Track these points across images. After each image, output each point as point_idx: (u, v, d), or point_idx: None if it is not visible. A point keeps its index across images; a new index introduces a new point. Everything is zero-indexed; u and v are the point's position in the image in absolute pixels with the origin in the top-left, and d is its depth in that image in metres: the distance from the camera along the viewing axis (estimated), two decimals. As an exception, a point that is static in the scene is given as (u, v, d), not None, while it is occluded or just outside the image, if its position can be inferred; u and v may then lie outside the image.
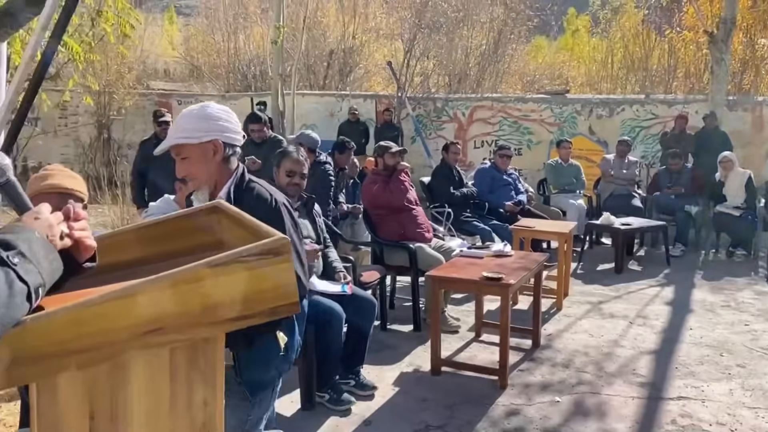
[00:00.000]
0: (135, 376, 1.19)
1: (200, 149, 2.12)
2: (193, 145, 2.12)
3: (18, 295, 1.01)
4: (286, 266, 1.25)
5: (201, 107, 2.21)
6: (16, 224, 1.14)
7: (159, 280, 1.16)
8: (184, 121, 2.17)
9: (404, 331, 4.87)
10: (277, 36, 10.83)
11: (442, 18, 12.88)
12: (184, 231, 1.70)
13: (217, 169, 2.15)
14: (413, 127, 11.74)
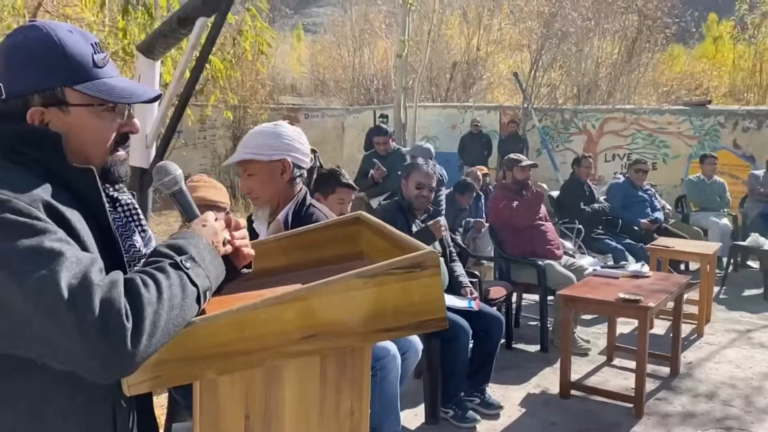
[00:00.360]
0: (287, 380, 1.22)
1: (268, 167, 2.07)
2: (262, 163, 2.07)
3: (190, 297, 1.06)
4: (434, 280, 1.23)
5: (274, 126, 2.16)
6: (186, 230, 1.20)
7: (313, 288, 1.18)
8: (256, 137, 2.12)
9: (530, 351, 4.71)
10: (401, 49, 11.00)
11: (571, 27, 12.47)
12: (327, 241, 1.73)
13: (282, 190, 2.10)
14: (539, 139, 11.44)
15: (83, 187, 1.13)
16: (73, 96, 1.13)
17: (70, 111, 1.13)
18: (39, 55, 1.11)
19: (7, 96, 1.11)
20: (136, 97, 1.19)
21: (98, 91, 1.14)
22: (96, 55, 1.16)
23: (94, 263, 1.00)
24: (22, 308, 0.94)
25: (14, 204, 0.99)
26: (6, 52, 1.13)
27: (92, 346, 0.93)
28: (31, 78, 1.11)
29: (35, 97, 1.11)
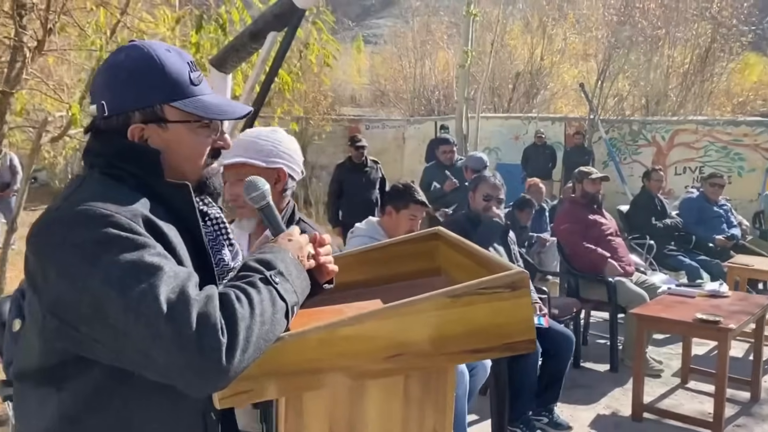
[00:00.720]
0: (371, 398, 1.21)
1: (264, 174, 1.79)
2: (258, 169, 1.87)
3: (279, 312, 1.06)
4: (524, 301, 1.19)
5: (271, 131, 2.00)
6: (273, 245, 1.21)
7: (401, 306, 1.16)
8: (252, 141, 1.95)
9: (599, 371, 4.56)
10: (464, 60, 10.94)
11: (640, 36, 12.13)
12: (404, 256, 1.72)
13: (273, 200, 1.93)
14: (606, 151, 11.14)
15: (178, 202, 1.15)
16: (172, 113, 1.16)
17: (168, 127, 1.16)
18: (140, 73, 1.14)
19: (110, 113, 1.15)
20: (229, 114, 1.21)
21: (195, 108, 1.16)
22: (192, 73, 1.18)
23: (190, 278, 1.02)
24: (122, 320, 0.96)
25: (116, 219, 1.02)
26: (109, 71, 1.17)
27: (189, 360, 0.95)
28: (132, 96, 1.14)
29: (136, 114, 1.15)
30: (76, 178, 1.17)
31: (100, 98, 1.16)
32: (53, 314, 1.02)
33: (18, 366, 1.13)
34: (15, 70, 4.62)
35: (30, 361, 1.09)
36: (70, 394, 1.07)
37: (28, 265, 1.05)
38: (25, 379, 1.11)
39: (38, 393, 1.09)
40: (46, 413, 1.08)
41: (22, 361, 1.11)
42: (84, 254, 0.99)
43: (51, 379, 1.07)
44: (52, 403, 1.07)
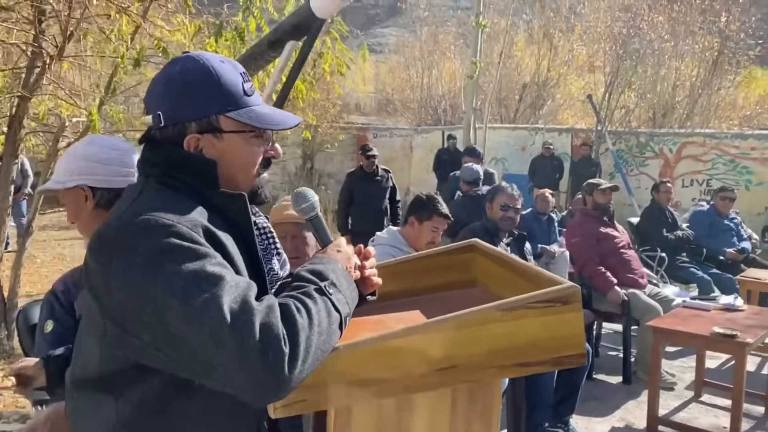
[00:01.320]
0: (419, 410, 1.22)
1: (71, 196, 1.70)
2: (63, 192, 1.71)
3: (334, 323, 1.08)
4: (575, 316, 1.20)
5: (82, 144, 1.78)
6: (323, 256, 1.22)
7: (453, 319, 1.17)
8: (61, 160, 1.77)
9: (612, 383, 4.56)
10: (473, 70, 10.98)
11: (648, 49, 12.16)
12: (440, 267, 1.73)
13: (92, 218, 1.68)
14: (613, 162, 11.16)
15: (234, 212, 1.16)
16: (227, 123, 1.17)
17: (223, 137, 1.17)
18: (196, 84, 1.16)
19: (166, 123, 1.16)
20: (281, 124, 1.22)
21: (249, 118, 1.17)
22: (245, 83, 1.20)
23: (250, 288, 1.03)
24: (185, 329, 0.97)
25: (178, 228, 1.03)
26: (164, 82, 1.18)
27: (252, 369, 0.95)
28: (189, 106, 1.15)
29: (192, 125, 1.16)
30: (131, 187, 1.19)
31: (156, 108, 1.17)
32: (114, 323, 1.03)
33: (76, 373, 1.13)
34: (34, 75, 4.66)
35: (89, 368, 1.10)
36: (128, 402, 1.07)
37: (90, 274, 1.06)
38: (83, 387, 1.12)
39: (96, 400, 1.10)
40: (103, 421, 1.09)
41: (81, 368, 1.12)
42: (146, 264, 1.00)
43: (110, 387, 1.08)
44: (110, 411, 1.08)
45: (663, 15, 12.15)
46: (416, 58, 18.30)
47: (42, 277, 7.45)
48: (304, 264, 1.20)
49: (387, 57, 26.44)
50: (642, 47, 12.03)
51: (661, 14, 12.11)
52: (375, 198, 6.54)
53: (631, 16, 11.89)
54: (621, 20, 12.12)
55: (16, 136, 4.74)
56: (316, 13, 3.55)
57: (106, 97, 4.74)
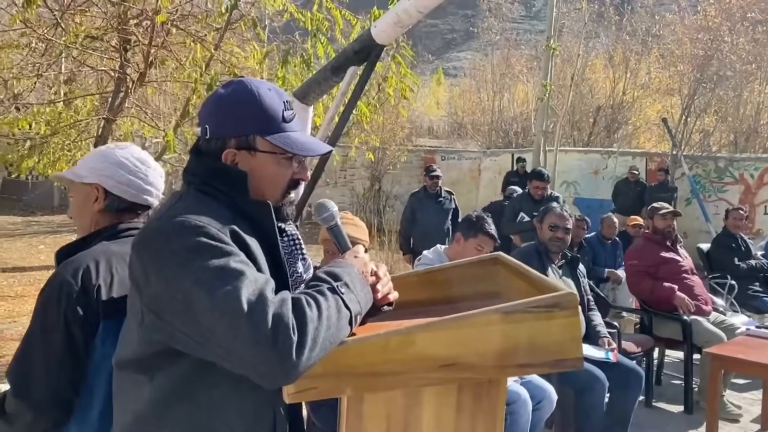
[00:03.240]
0: (426, 405, 1.30)
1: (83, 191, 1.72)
2: (77, 185, 1.74)
3: (343, 318, 1.19)
4: (571, 321, 1.27)
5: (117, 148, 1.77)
6: (341, 260, 1.34)
7: (454, 320, 1.26)
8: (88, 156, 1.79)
9: (672, 411, 4.42)
10: (543, 93, 10.94)
11: (729, 71, 11.74)
12: (465, 278, 1.81)
13: (93, 219, 1.71)
14: (689, 187, 10.78)
15: (260, 218, 1.31)
16: (262, 144, 1.33)
17: (257, 156, 1.33)
18: (240, 106, 1.32)
19: (210, 136, 1.32)
20: (312, 151, 1.38)
21: (282, 142, 1.33)
22: (286, 111, 1.35)
23: (268, 283, 1.16)
24: (208, 317, 1.11)
25: (207, 229, 1.18)
26: (216, 100, 1.35)
27: (264, 354, 1.08)
28: (231, 124, 1.32)
29: (231, 140, 1.32)
30: (175, 193, 1.35)
31: (205, 122, 1.34)
32: (151, 310, 1.18)
33: (119, 355, 1.30)
34: (118, 99, 5.06)
35: (129, 351, 1.26)
36: (161, 381, 1.22)
37: (133, 267, 1.23)
38: (124, 367, 1.28)
39: (134, 380, 1.26)
40: (139, 398, 1.24)
41: (123, 350, 1.28)
42: (179, 259, 1.15)
43: (146, 368, 1.23)
44: (145, 389, 1.23)
45: (745, 37, 11.71)
46: (487, 81, 18.35)
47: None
48: (322, 267, 1.32)
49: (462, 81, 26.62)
50: (722, 69, 11.62)
51: (742, 36, 11.68)
52: (437, 219, 6.62)
53: (710, 38, 11.52)
54: (700, 42, 11.75)
55: (102, 155, 5.13)
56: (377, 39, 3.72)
57: (181, 120, 5.07)
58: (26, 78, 4.92)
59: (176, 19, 4.45)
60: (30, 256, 9.96)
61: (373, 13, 5.02)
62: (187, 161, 1.39)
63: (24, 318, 6.39)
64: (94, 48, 4.87)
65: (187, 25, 4.76)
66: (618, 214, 8.23)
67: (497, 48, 19.46)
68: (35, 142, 5.15)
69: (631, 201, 10.39)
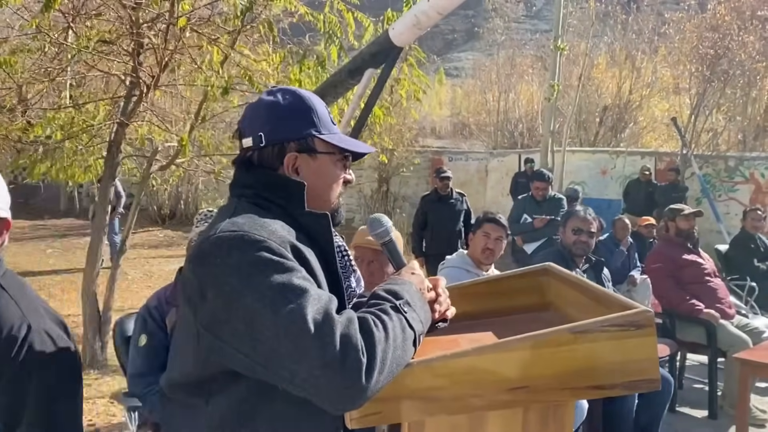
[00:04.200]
0: (491, 428, 1.25)
1: None
2: None
3: (408, 339, 1.14)
4: (648, 340, 1.21)
5: None
6: (398, 277, 1.29)
7: (524, 340, 1.20)
8: None
9: (697, 417, 4.35)
10: (551, 93, 10.87)
11: (738, 69, 11.66)
12: (513, 290, 1.75)
13: None
14: (699, 187, 10.71)
15: (317, 231, 1.25)
16: (320, 145, 1.29)
17: (317, 158, 1.29)
18: (296, 109, 1.29)
19: (267, 143, 1.27)
20: (361, 150, 1.34)
21: (339, 141, 1.30)
22: (330, 114, 1.30)
23: (332, 301, 1.11)
24: (272, 336, 1.05)
25: (268, 244, 1.12)
26: (266, 108, 1.30)
27: (332, 377, 1.02)
28: (291, 127, 1.28)
29: (291, 144, 1.28)
30: (225, 207, 1.29)
31: (259, 130, 1.29)
32: (208, 329, 1.12)
33: (171, 378, 1.24)
34: (131, 103, 5.01)
35: (182, 373, 1.20)
36: (218, 406, 1.16)
37: (187, 284, 1.17)
38: (177, 391, 1.22)
39: (188, 403, 1.20)
40: (194, 423, 1.18)
41: (176, 373, 1.22)
42: (240, 275, 1.09)
43: (201, 391, 1.17)
44: (201, 414, 1.17)
45: (754, 35, 11.62)
46: (493, 82, 18.27)
47: (132, 293, 7.89)
48: (380, 285, 1.26)
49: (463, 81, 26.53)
50: (731, 68, 11.53)
51: (751, 34, 11.59)
52: (449, 221, 6.57)
53: (719, 36, 11.44)
54: (708, 41, 11.67)
55: (114, 160, 5.09)
56: (395, 42, 3.66)
57: (196, 123, 5.02)
58: (38, 82, 4.86)
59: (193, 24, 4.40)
60: (40, 261, 9.92)
61: (386, 15, 4.97)
62: (235, 174, 1.33)
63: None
64: (106, 52, 4.81)
65: (202, 28, 4.70)
66: (629, 215, 8.16)
67: (502, 48, 19.37)
68: (48, 147, 5.10)
69: (642, 201, 10.30)
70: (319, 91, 4.41)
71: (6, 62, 3.57)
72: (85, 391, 4.69)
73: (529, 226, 6.06)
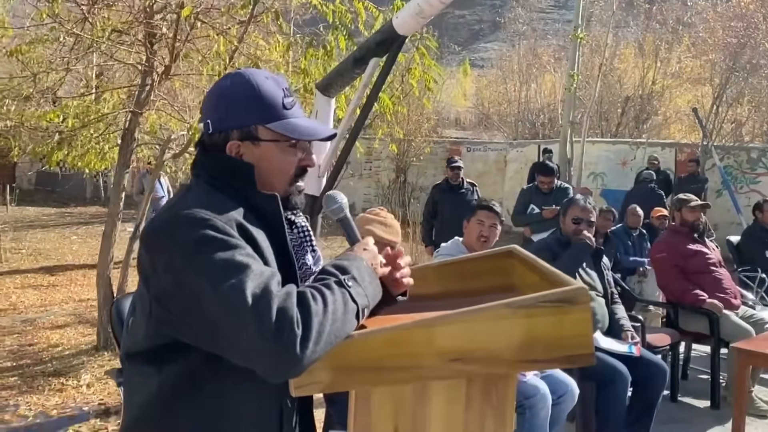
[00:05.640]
0: (434, 399, 1.30)
1: None
2: None
3: (350, 312, 1.19)
4: (583, 316, 1.25)
5: None
6: (349, 253, 1.34)
7: (464, 314, 1.25)
8: None
9: (698, 407, 4.34)
10: (570, 83, 10.78)
11: (762, 59, 11.43)
12: (479, 272, 1.80)
13: None
14: (720, 178, 10.54)
15: (268, 210, 1.31)
16: (264, 133, 1.33)
17: (260, 145, 1.33)
18: (239, 98, 1.33)
19: (213, 131, 1.33)
20: (315, 135, 1.37)
21: (284, 129, 1.33)
22: (285, 98, 1.35)
23: (273, 276, 1.17)
24: (213, 310, 1.12)
25: (214, 222, 1.18)
26: (215, 94, 1.36)
27: (268, 348, 1.09)
28: (232, 117, 1.33)
29: (234, 132, 1.33)
30: (183, 186, 1.36)
31: (207, 117, 1.35)
32: (158, 302, 1.20)
33: (127, 346, 1.32)
34: (144, 92, 5.13)
35: (137, 343, 1.27)
36: (169, 374, 1.24)
37: (141, 259, 1.24)
38: (132, 359, 1.30)
39: (142, 371, 1.27)
40: (147, 390, 1.26)
41: (131, 342, 1.30)
42: (185, 252, 1.16)
43: (154, 360, 1.25)
44: (153, 381, 1.25)
45: (780, 23, 11.39)
46: (514, 72, 18.15)
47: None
48: (330, 260, 1.32)
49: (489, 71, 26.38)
50: (755, 57, 11.31)
51: (778, 23, 11.36)
52: (459, 210, 6.54)
53: (744, 25, 11.21)
54: (733, 30, 11.45)
55: (128, 148, 5.22)
56: (398, 30, 3.69)
57: (203, 112, 5.10)
58: (55, 72, 5.00)
59: (200, 12, 4.48)
60: (63, 247, 10.18)
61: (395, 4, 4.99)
62: (195, 155, 1.40)
63: (55, 307, 6.55)
64: (121, 42, 4.93)
65: (212, 19, 4.78)
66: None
67: (524, 38, 19.22)
68: (65, 135, 5.25)
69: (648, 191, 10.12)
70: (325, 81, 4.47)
71: (17, 51, 3.69)
72: (99, 371, 4.83)
73: (536, 217, 6.05)
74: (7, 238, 9.53)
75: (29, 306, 6.63)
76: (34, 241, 10.42)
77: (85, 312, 6.32)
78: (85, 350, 5.16)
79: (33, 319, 6.06)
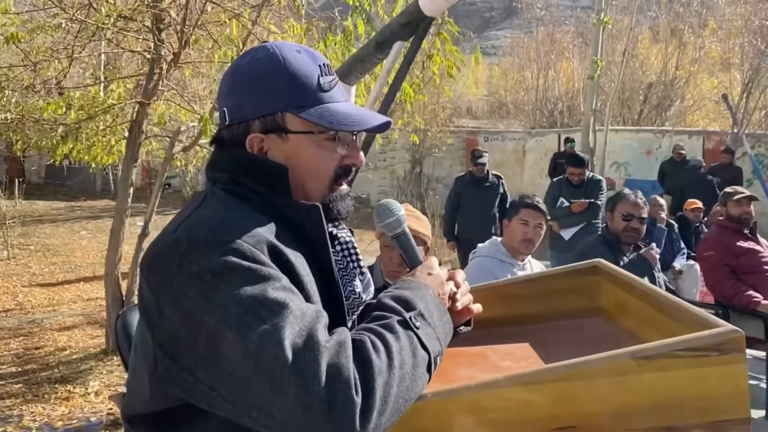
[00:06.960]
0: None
1: None
2: None
3: (421, 365, 0.88)
4: (737, 369, 0.92)
5: None
6: (411, 279, 1.03)
7: (574, 367, 0.93)
8: None
9: (753, 417, 4.01)
10: (593, 70, 10.38)
11: (795, 43, 10.99)
12: (557, 291, 1.48)
13: None
14: (751, 167, 10.13)
15: (307, 225, 0.99)
16: (294, 122, 1.01)
17: (289, 139, 1.01)
18: (262, 77, 1.01)
19: (230, 121, 1.02)
20: (360, 124, 1.03)
21: (319, 117, 1.00)
22: (322, 77, 1.03)
23: (319, 319, 0.85)
24: (240, 367, 0.81)
25: (238, 246, 0.87)
26: (233, 75, 1.05)
27: (315, 421, 0.78)
28: (253, 102, 1.01)
29: (255, 123, 1.01)
30: (196, 195, 1.05)
31: (223, 104, 1.05)
32: (165, 353, 0.89)
33: (129, 407, 1.01)
34: (152, 82, 4.83)
35: (141, 403, 0.96)
36: None
37: (142, 293, 0.93)
38: (136, 423, 0.99)
39: None
40: None
41: (133, 402, 0.99)
42: (200, 286, 0.85)
43: (163, 426, 0.94)
44: None
45: (814, 4, 10.92)
46: (531, 59, 17.71)
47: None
48: (388, 289, 1.00)
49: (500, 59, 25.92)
50: (788, 41, 10.87)
51: (811, 3, 10.89)
52: (483, 204, 6.25)
53: (775, 7, 10.77)
54: (763, 12, 10.99)
55: (136, 141, 4.94)
56: (424, 11, 3.36)
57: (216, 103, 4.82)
58: (59, 61, 4.72)
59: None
60: (72, 242, 9.95)
61: (418, -17, 4.66)
62: (212, 154, 1.08)
63: (63, 307, 6.30)
64: (127, 29, 4.64)
65: (223, 1, 4.48)
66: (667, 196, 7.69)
67: (541, 24, 18.74)
68: (69, 127, 4.97)
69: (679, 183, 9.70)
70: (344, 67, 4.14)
71: (14, 37, 3.40)
72: (107, 378, 4.57)
73: (565, 211, 5.70)
74: (15, 233, 9.30)
75: (36, 305, 6.39)
76: (43, 236, 10.19)
77: (94, 312, 6.07)
78: (94, 354, 4.91)
79: (40, 320, 5.82)
